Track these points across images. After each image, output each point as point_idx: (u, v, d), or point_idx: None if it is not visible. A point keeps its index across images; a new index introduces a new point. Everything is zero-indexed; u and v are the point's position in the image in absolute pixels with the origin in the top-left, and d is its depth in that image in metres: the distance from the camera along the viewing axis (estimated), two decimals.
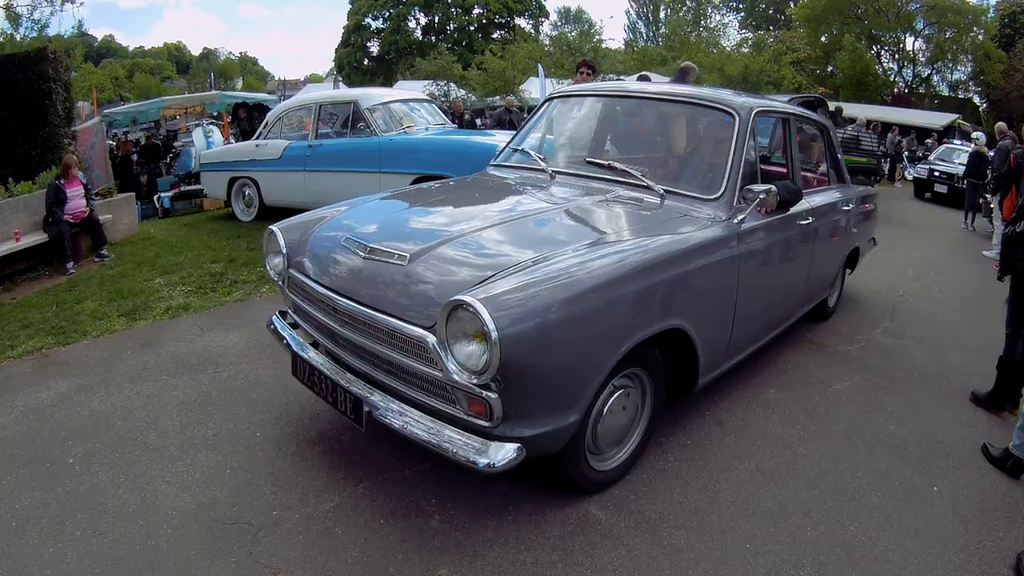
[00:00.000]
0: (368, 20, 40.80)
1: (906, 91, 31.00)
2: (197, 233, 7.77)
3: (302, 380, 2.68)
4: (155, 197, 10.06)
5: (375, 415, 2.30)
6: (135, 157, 11.88)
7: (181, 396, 3.47)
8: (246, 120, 11.49)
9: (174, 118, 14.49)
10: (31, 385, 3.66)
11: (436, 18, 40.10)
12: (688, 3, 44.87)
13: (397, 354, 2.25)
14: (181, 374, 3.75)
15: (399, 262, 2.36)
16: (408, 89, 14.66)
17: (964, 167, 13.33)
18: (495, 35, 38.70)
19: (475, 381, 2.01)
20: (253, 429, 3.11)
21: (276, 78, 57.22)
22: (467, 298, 1.97)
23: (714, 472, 2.86)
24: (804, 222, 3.70)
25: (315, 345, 2.81)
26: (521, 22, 41.00)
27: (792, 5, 38.51)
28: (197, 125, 11.71)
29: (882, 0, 29.08)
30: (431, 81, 25.99)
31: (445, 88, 25.65)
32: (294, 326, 2.96)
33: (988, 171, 10.01)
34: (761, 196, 2.93)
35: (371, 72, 40.66)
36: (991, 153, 10.07)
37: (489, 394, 2.02)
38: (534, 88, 21.97)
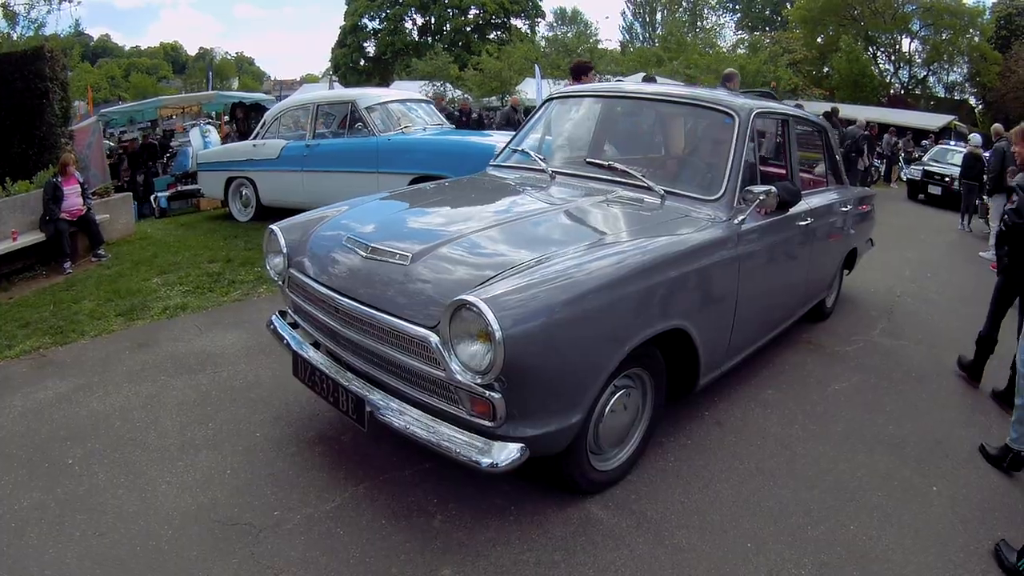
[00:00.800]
0: (365, 21, 40.78)
1: (902, 92, 31.11)
2: (194, 233, 7.75)
3: (303, 380, 2.68)
4: (152, 197, 10.00)
5: (377, 415, 2.30)
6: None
7: (180, 396, 3.46)
8: (243, 120, 11.45)
9: (170, 117, 14.44)
10: (29, 385, 3.64)
11: (432, 19, 40.09)
12: (684, 4, 44.95)
13: (399, 354, 2.25)
14: (180, 374, 3.74)
15: (401, 262, 2.35)
16: (405, 90, 14.63)
17: (959, 168, 13.42)
18: (491, 36, 38.72)
19: (478, 381, 2.01)
20: (253, 429, 3.10)
21: (272, 78, 57.17)
22: (471, 298, 1.97)
23: (714, 472, 2.87)
24: (803, 223, 3.71)
25: (316, 345, 2.81)
26: (517, 23, 41.03)
27: (788, 6, 38.56)
28: (194, 125, 11.67)
29: (878, 2, 29.16)
30: (427, 81, 25.98)
31: (441, 89, 25.65)
32: (294, 326, 2.96)
33: (984, 172, 10.04)
34: (761, 197, 2.94)
35: (367, 72, 40.64)
36: (987, 154, 10.11)
37: (492, 394, 2.02)
38: (530, 89, 21.95)
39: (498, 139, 6.51)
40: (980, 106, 31.49)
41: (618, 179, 3.18)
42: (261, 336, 4.22)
